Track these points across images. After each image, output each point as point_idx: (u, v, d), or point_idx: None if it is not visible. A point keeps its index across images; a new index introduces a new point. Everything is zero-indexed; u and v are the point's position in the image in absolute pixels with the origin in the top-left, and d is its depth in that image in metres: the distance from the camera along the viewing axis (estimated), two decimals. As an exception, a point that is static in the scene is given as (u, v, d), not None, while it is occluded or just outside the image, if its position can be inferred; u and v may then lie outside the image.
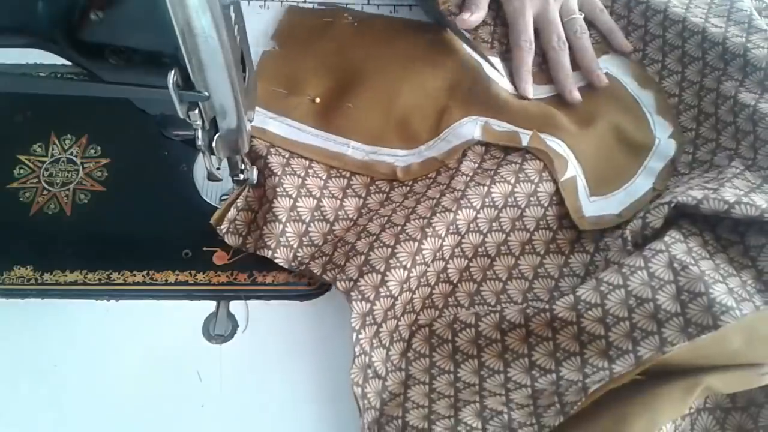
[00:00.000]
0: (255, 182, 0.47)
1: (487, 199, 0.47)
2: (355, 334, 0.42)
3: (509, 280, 0.47)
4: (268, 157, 0.48)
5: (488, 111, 0.51)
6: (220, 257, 0.48)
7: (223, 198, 0.50)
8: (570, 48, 0.55)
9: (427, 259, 0.45)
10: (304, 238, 0.47)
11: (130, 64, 0.35)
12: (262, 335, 0.45)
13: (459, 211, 0.46)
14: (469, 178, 0.48)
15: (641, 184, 0.50)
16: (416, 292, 0.45)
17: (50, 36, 0.35)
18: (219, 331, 0.45)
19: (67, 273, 0.46)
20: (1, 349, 0.44)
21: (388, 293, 0.43)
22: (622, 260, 0.43)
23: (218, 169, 0.43)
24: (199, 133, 0.37)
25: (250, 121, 0.42)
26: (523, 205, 0.48)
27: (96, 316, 0.45)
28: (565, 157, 0.49)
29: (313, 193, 0.48)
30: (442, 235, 0.45)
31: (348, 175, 0.50)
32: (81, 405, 0.43)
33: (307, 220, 0.47)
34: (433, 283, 0.46)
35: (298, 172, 0.48)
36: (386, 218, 0.47)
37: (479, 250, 0.47)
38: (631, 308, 0.40)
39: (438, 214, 0.46)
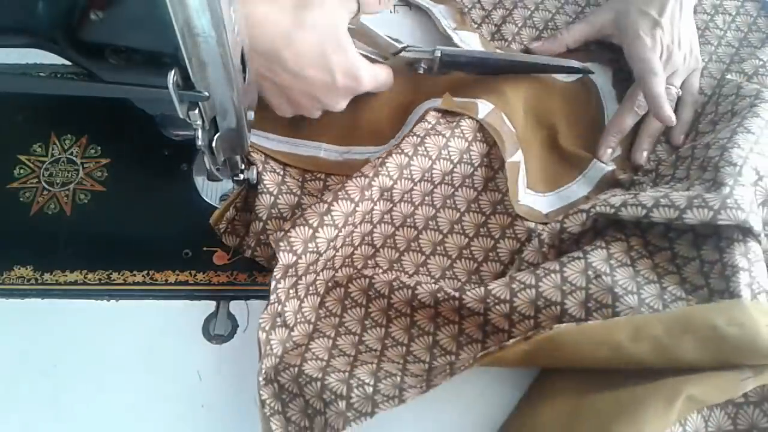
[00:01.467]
0: (255, 181, 0.47)
1: (426, 174, 0.47)
2: (273, 283, 0.41)
3: (432, 255, 0.47)
4: (263, 174, 0.48)
5: (450, 93, 0.51)
6: (220, 257, 0.48)
7: (223, 198, 0.50)
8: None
9: (356, 221, 0.45)
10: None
11: (130, 64, 0.35)
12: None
13: (399, 181, 0.46)
14: (420, 139, 0.47)
15: (576, 190, 0.50)
16: (339, 251, 0.46)
17: (50, 36, 0.35)
18: (219, 331, 0.45)
19: (67, 273, 0.46)
20: (1, 349, 0.44)
21: (315, 249, 0.43)
22: (539, 262, 0.44)
23: (218, 169, 0.43)
24: (199, 133, 0.37)
25: (250, 121, 0.42)
26: (457, 185, 0.49)
27: (96, 316, 0.45)
28: (516, 141, 0.49)
29: (293, 191, 0.49)
30: (375, 200, 0.46)
31: (323, 177, 0.50)
32: (81, 405, 0.43)
33: (287, 217, 0.47)
34: (357, 244, 0.47)
35: (277, 170, 0.49)
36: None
37: (408, 220, 0.48)
38: (538, 308, 0.41)
39: (379, 177, 0.45)
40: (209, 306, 0.46)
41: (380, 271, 0.46)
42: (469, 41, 0.56)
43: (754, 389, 0.38)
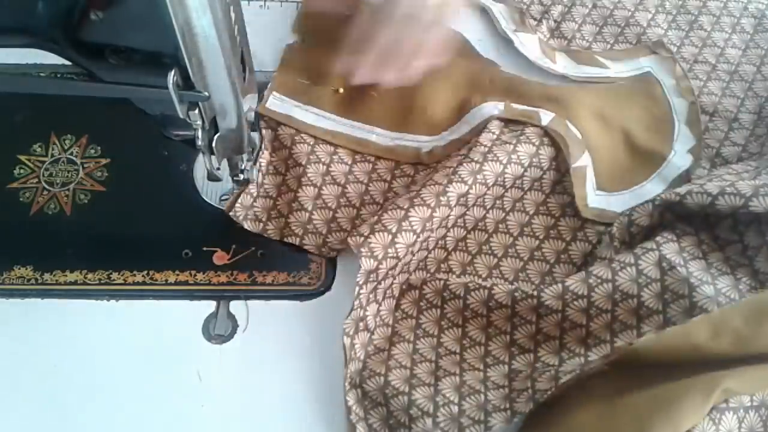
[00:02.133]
0: (255, 181, 0.48)
1: (499, 179, 0.48)
2: (357, 288, 0.43)
3: (504, 257, 0.48)
4: (293, 146, 0.50)
5: (510, 98, 0.52)
6: (220, 257, 0.48)
7: (223, 198, 0.50)
8: None
9: (434, 226, 0.46)
10: (332, 224, 0.48)
11: (130, 64, 0.36)
12: (262, 335, 0.45)
13: (474, 186, 0.47)
14: (487, 149, 0.48)
15: (651, 189, 0.50)
16: (416, 255, 0.46)
17: (50, 36, 0.35)
18: (219, 331, 0.45)
19: (67, 273, 0.46)
20: (1, 349, 0.44)
21: (395, 254, 0.44)
22: (611, 256, 0.44)
23: (218, 169, 0.43)
24: (199, 133, 0.37)
25: (250, 121, 0.42)
26: (526, 188, 0.49)
27: (96, 316, 0.45)
28: (582, 145, 0.50)
29: (338, 180, 0.49)
30: (453, 205, 0.46)
31: (373, 160, 0.51)
32: (81, 405, 0.43)
33: (333, 207, 0.49)
34: (431, 248, 0.48)
35: (323, 160, 0.50)
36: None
37: (479, 224, 0.49)
38: (615, 302, 0.41)
39: (453, 184, 0.46)
40: (209, 306, 0.46)
41: (453, 276, 0.46)
42: (529, 44, 0.56)
43: None
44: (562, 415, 0.40)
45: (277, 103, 0.52)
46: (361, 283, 0.43)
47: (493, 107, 0.51)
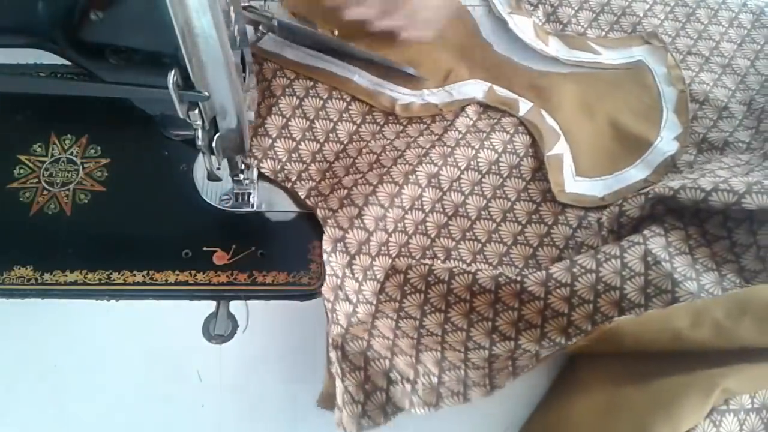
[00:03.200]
0: (256, 180, 0.48)
1: (472, 162, 0.49)
2: (326, 255, 0.44)
3: (488, 242, 0.49)
4: (272, 80, 0.52)
5: (495, 78, 0.54)
6: (220, 257, 0.48)
7: (223, 198, 0.50)
8: None
9: (405, 205, 0.47)
10: (293, 154, 0.50)
11: (130, 64, 0.36)
12: (262, 335, 0.45)
13: (444, 168, 0.49)
14: (461, 135, 0.50)
15: (634, 173, 0.51)
16: (392, 235, 0.47)
17: (50, 36, 0.35)
18: (219, 331, 0.45)
19: (67, 273, 0.46)
20: (1, 349, 0.44)
21: (362, 225, 0.45)
22: (598, 245, 0.44)
23: (218, 169, 0.43)
24: (199, 133, 0.37)
25: (251, 121, 0.42)
26: (505, 175, 0.50)
27: (96, 316, 0.45)
28: (557, 134, 0.51)
29: (308, 115, 0.52)
30: (423, 186, 0.48)
31: (348, 99, 0.53)
32: (81, 405, 0.43)
33: (297, 138, 0.51)
34: (411, 233, 0.48)
35: (297, 93, 0.52)
36: (375, 157, 0.50)
37: (460, 210, 0.49)
38: (598, 293, 0.42)
39: (423, 165, 0.48)
40: (209, 306, 0.46)
41: (438, 262, 0.47)
42: (523, 26, 0.57)
43: None
44: (561, 413, 0.40)
45: (270, 42, 0.54)
46: (328, 251, 0.44)
47: (478, 88, 0.53)
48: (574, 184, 0.50)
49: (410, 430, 0.42)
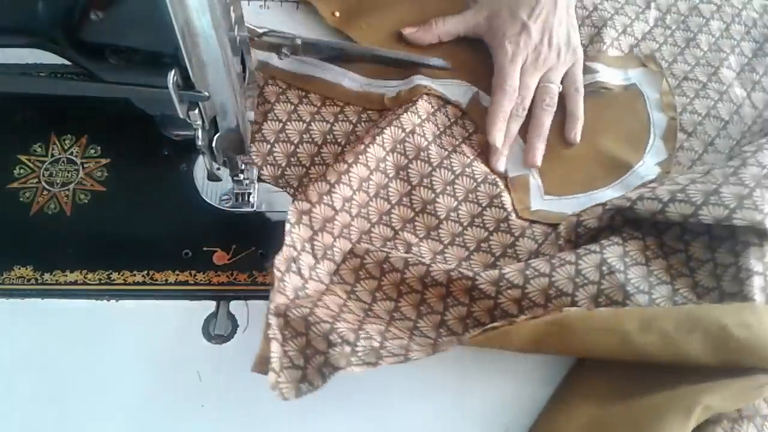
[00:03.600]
0: (256, 180, 0.48)
1: (445, 162, 0.49)
2: (288, 226, 0.44)
3: (450, 245, 0.48)
4: (265, 87, 0.52)
5: (483, 81, 0.54)
6: (220, 257, 0.48)
7: (223, 198, 0.50)
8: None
9: (370, 191, 0.48)
10: (292, 158, 0.51)
11: (130, 64, 0.36)
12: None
13: (414, 162, 0.49)
14: (440, 131, 0.51)
15: (609, 194, 0.50)
16: (355, 220, 0.47)
17: (50, 36, 0.35)
18: (219, 331, 0.45)
19: (67, 273, 0.46)
20: (1, 349, 0.44)
21: (330, 203, 0.45)
22: (554, 253, 0.44)
23: (218, 169, 0.43)
24: (199, 133, 0.37)
25: (251, 121, 0.42)
26: (479, 180, 0.50)
27: (96, 316, 0.45)
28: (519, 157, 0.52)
29: (303, 118, 0.52)
30: (391, 176, 0.49)
31: (341, 104, 0.53)
32: (81, 405, 0.43)
33: (295, 142, 0.51)
34: (374, 221, 0.48)
35: (291, 100, 0.53)
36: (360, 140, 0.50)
37: (428, 207, 0.49)
38: (549, 297, 0.41)
39: (394, 154, 0.49)
40: (209, 306, 0.46)
41: (398, 253, 0.47)
42: None
43: None
44: (547, 425, 0.40)
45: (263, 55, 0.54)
46: (292, 221, 0.44)
47: (467, 91, 0.53)
48: (542, 202, 0.50)
49: (410, 430, 0.42)
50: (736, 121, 0.55)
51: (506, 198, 0.50)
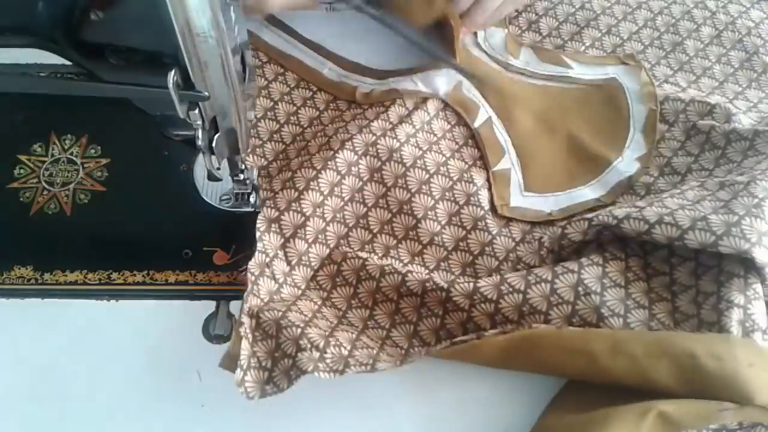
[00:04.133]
0: (256, 180, 0.48)
1: (419, 161, 0.49)
2: (258, 233, 0.45)
3: (429, 245, 0.48)
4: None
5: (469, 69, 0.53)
6: (220, 257, 0.48)
7: (223, 198, 0.50)
8: None
9: (345, 195, 0.48)
10: (252, 130, 0.52)
11: (130, 64, 0.36)
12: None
13: (388, 163, 0.48)
14: (415, 130, 0.50)
15: (587, 193, 0.50)
16: (330, 225, 0.47)
17: (50, 36, 0.35)
18: (219, 331, 0.45)
19: (67, 273, 0.46)
20: (1, 349, 0.44)
21: (298, 209, 0.45)
22: (535, 264, 0.44)
23: (218, 169, 0.43)
24: (199, 133, 0.37)
25: (251, 121, 0.42)
26: (455, 178, 0.50)
27: (96, 316, 0.45)
28: (504, 150, 0.51)
29: (272, 96, 0.54)
30: (365, 179, 0.48)
31: (314, 89, 0.54)
32: (81, 405, 0.43)
33: (258, 116, 0.53)
34: (351, 225, 0.48)
35: (267, 76, 0.55)
36: (327, 139, 0.50)
37: (404, 207, 0.48)
38: (522, 314, 0.41)
39: (366, 157, 0.49)
40: (209, 306, 0.46)
41: (375, 257, 0.46)
42: (494, 37, 0.57)
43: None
44: None
45: (254, 24, 0.56)
46: (261, 229, 0.45)
47: (445, 81, 0.52)
48: (521, 199, 0.50)
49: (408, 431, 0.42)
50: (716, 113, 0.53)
51: (483, 195, 0.49)
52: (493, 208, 0.49)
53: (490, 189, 0.50)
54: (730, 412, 0.35)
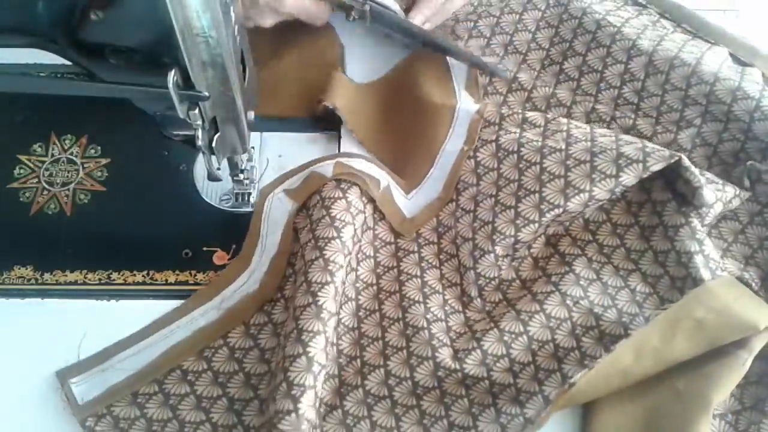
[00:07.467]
0: (256, 180, 0.48)
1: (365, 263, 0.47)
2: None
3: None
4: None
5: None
6: (220, 257, 0.48)
7: (223, 198, 0.50)
8: None
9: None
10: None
11: (130, 64, 0.36)
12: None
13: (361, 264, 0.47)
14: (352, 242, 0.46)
15: (450, 150, 0.49)
16: (343, 338, 0.44)
17: (50, 36, 0.35)
18: (219, 331, 0.45)
19: (67, 273, 0.46)
20: (1, 349, 0.44)
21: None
22: (518, 306, 0.43)
23: (218, 169, 0.43)
24: (199, 133, 0.37)
25: (250, 121, 0.42)
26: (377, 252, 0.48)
27: (96, 316, 0.45)
28: (376, 177, 0.47)
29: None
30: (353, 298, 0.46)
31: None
32: (81, 405, 0.43)
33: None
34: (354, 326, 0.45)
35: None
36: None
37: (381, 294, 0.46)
38: (534, 352, 0.42)
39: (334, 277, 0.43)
40: (209, 306, 0.46)
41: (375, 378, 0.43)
42: None
43: (747, 394, 0.42)
44: None
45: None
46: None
47: (329, 168, 0.46)
48: (410, 203, 0.49)
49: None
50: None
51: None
52: (396, 233, 0.48)
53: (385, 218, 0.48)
54: (748, 360, 0.39)
